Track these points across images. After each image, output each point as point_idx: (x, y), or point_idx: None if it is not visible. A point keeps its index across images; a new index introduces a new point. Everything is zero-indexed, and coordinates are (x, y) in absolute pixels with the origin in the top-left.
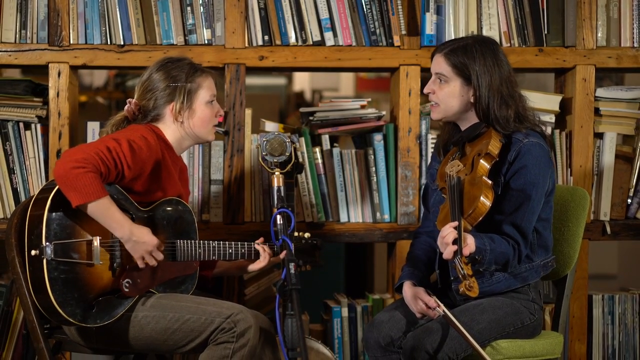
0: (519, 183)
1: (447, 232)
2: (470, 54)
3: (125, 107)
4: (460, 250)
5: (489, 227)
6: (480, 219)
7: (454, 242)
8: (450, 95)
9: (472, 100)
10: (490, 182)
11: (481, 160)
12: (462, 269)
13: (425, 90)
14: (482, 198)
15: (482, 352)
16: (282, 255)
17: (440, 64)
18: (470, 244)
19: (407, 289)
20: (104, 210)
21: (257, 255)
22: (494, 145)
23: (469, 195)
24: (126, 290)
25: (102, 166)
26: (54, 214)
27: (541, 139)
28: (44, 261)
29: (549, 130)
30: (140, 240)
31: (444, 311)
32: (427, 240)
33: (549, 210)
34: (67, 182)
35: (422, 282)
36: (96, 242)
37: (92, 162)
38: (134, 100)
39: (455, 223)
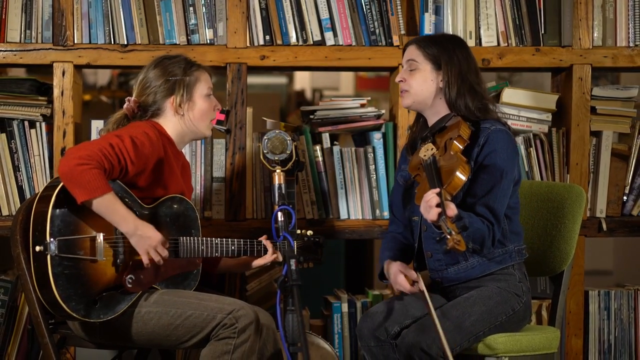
0: (489, 167)
1: (431, 197)
2: (440, 44)
3: (125, 105)
4: (444, 211)
5: (462, 208)
6: (458, 190)
7: (438, 206)
8: (420, 80)
9: (441, 85)
10: (465, 158)
11: (454, 142)
12: (447, 227)
13: (397, 79)
14: (459, 170)
15: (447, 348)
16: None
17: (412, 52)
18: (452, 207)
19: (389, 265)
20: (109, 206)
21: (259, 251)
22: (464, 131)
23: (445, 169)
24: (129, 286)
25: (105, 162)
26: (57, 210)
27: (505, 126)
28: (48, 257)
29: (545, 128)
30: (145, 235)
31: (421, 291)
32: (396, 236)
33: (516, 200)
34: (71, 179)
35: (398, 257)
36: (100, 238)
37: (95, 159)
38: (133, 98)
39: (437, 190)
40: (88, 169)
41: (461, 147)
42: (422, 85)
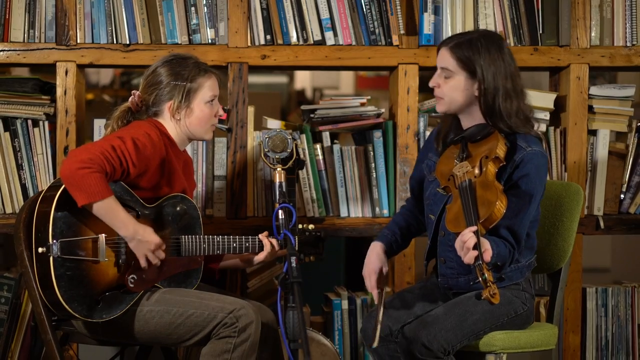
0: (520, 191)
1: (468, 237)
2: (475, 47)
3: (130, 99)
4: (481, 255)
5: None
6: (495, 224)
7: (474, 247)
8: (454, 88)
9: (476, 94)
10: (502, 186)
11: (490, 163)
12: (483, 274)
13: (431, 84)
14: (498, 204)
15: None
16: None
17: (445, 58)
18: (488, 249)
19: (373, 254)
20: (109, 210)
21: (261, 248)
22: (501, 149)
23: (482, 199)
24: (131, 285)
25: (107, 165)
26: (60, 212)
27: (540, 145)
28: (51, 259)
29: (543, 127)
30: (144, 239)
31: (382, 299)
32: (407, 214)
33: (537, 213)
34: (73, 182)
35: (392, 244)
36: (102, 239)
37: (97, 162)
38: (138, 92)
39: (474, 228)
40: (89, 173)
41: (496, 170)
42: (456, 94)
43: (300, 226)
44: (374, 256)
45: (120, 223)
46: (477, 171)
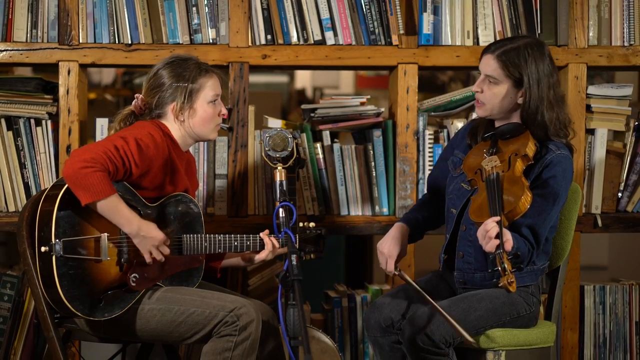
0: (545, 191)
1: (491, 227)
2: (522, 56)
3: (133, 102)
4: (502, 244)
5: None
6: (518, 217)
7: (496, 236)
8: (497, 96)
9: (519, 102)
10: (528, 183)
11: (518, 160)
12: (502, 263)
13: (474, 89)
14: (523, 198)
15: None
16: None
17: (490, 65)
18: (509, 239)
19: (399, 232)
20: (113, 208)
21: (262, 246)
22: (531, 148)
23: (508, 193)
24: (133, 284)
25: (110, 165)
26: (62, 211)
27: (570, 153)
28: (53, 258)
29: None
30: (148, 236)
31: (401, 275)
32: (428, 203)
33: (557, 218)
34: (76, 182)
35: (416, 226)
36: (104, 238)
37: (100, 162)
38: (140, 95)
39: (497, 218)
40: (92, 172)
41: (524, 167)
42: (500, 101)
43: (301, 224)
44: (399, 235)
45: (124, 220)
46: (505, 166)
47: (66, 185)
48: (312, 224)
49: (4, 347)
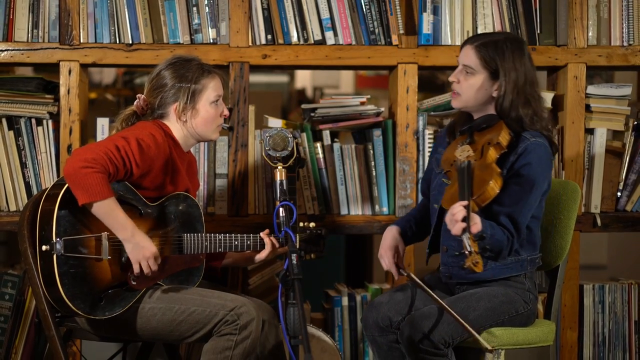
0: (521, 179)
1: (457, 210)
2: (500, 50)
3: (135, 103)
4: (469, 227)
5: (485, 216)
6: (487, 202)
7: (463, 220)
8: (473, 87)
9: (494, 95)
10: (499, 169)
11: (491, 149)
12: (469, 245)
13: (450, 79)
14: (492, 182)
15: (468, 326)
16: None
17: (468, 56)
18: (477, 222)
19: (389, 234)
20: (109, 211)
21: (262, 246)
22: (504, 137)
23: (478, 179)
24: (134, 283)
25: (110, 166)
26: (63, 210)
27: (546, 141)
28: (54, 256)
29: None
30: (140, 245)
31: (409, 275)
32: (422, 210)
33: (540, 210)
34: (75, 181)
35: (407, 230)
36: (105, 237)
37: (100, 162)
38: (142, 96)
39: (465, 202)
40: (92, 173)
41: (497, 156)
42: (475, 92)
43: (301, 224)
44: (389, 237)
45: (118, 225)
46: (478, 155)
47: (67, 185)
48: (312, 224)
49: (5, 346)
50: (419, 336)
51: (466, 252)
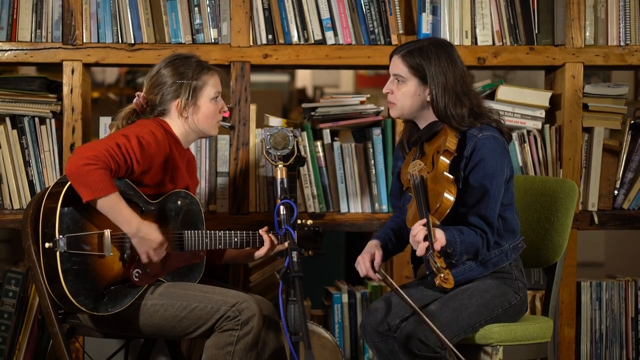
0: (478, 176)
1: (417, 230)
2: (425, 55)
3: (134, 100)
4: (432, 245)
5: (455, 219)
6: (447, 213)
7: (425, 238)
8: (406, 94)
9: (428, 99)
10: (451, 177)
11: (441, 157)
12: (435, 262)
13: (384, 91)
14: (445, 194)
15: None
16: (287, 244)
17: (397, 65)
18: (440, 238)
19: (368, 245)
20: (113, 206)
21: (262, 243)
22: (451, 142)
23: (433, 192)
24: (136, 280)
25: (112, 162)
26: (66, 208)
27: (495, 131)
28: (57, 253)
29: (538, 124)
30: (147, 237)
31: (384, 277)
32: (397, 220)
33: (511, 196)
34: (78, 179)
35: (387, 242)
36: (107, 234)
37: (102, 159)
38: (142, 93)
39: (424, 220)
40: (94, 169)
41: (448, 162)
42: (409, 99)
43: (299, 221)
44: (367, 246)
45: (123, 219)
46: (429, 167)
47: (69, 182)
48: (309, 222)
49: (9, 342)
50: (415, 342)
51: (433, 269)
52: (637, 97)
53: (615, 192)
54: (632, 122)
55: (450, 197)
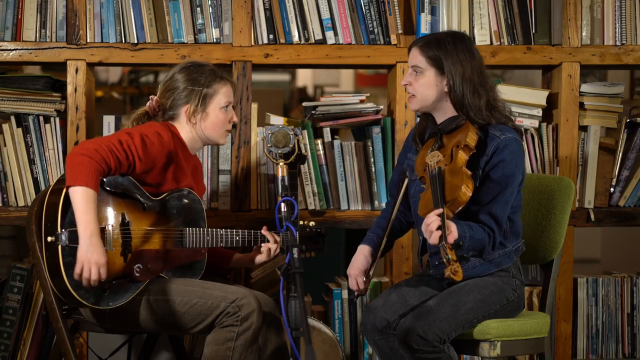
0: (497, 176)
1: (432, 220)
2: (443, 45)
3: (147, 103)
4: (445, 236)
5: (465, 215)
6: (461, 207)
7: (438, 228)
8: (425, 85)
9: (446, 90)
10: (470, 172)
11: (460, 152)
12: (446, 254)
13: (402, 83)
14: (463, 187)
15: None
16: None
17: (415, 57)
18: (453, 231)
19: (361, 255)
20: (83, 201)
21: (262, 240)
22: (472, 138)
23: (450, 185)
24: (137, 275)
25: (111, 158)
26: (68, 203)
27: (515, 133)
28: (59, 247)
29: (535, 123)
30: (92, 249)
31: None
32: (393, 208)
33: (519, 199)
34: (69, 164)
35: (378, 246)
36: (109, 229)
37: (100, 154)
38: (155, 97)
39: (440, 210)
40: (86, 161)
41: (466, 157)
42: (427, 90)
43: (301, 222)
44: (362, 257)
45: (85, 219)
46: (448, 159)
47: None
48: (312, 223)
49: (14, 337)
50: (413, 337)
51: (444, 260)
52: (632, 96)
53: (612, 189)
54: (628, 120)
55: (467, 192)
